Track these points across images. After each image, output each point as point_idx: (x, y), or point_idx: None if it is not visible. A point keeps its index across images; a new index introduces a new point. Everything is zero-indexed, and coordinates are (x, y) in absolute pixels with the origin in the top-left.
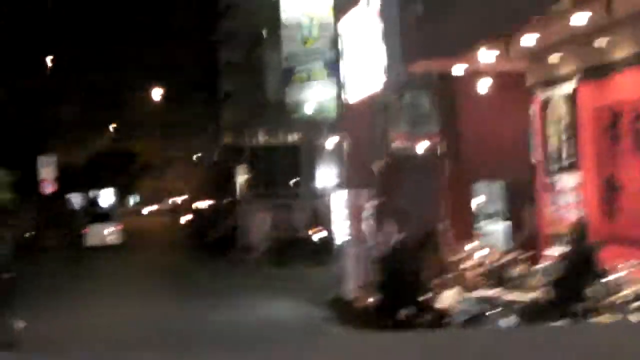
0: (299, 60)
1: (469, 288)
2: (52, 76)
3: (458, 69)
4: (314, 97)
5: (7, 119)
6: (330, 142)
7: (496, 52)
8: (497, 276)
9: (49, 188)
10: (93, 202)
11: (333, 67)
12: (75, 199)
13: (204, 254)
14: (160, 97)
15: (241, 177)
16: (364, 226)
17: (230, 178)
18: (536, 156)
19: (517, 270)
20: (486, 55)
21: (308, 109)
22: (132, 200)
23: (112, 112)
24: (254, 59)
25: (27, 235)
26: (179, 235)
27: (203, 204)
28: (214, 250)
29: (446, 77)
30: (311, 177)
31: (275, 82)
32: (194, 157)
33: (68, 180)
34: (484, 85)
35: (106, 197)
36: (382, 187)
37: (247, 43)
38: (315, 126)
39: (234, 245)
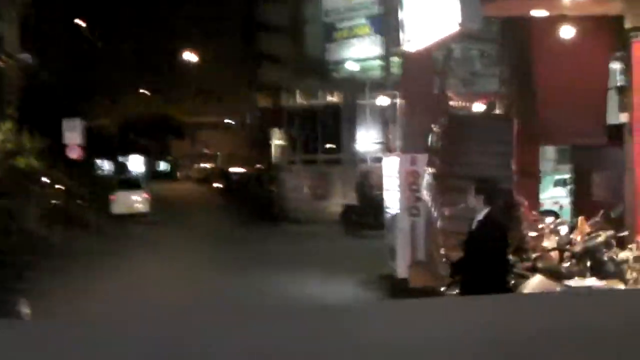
0: (340, 15)
1: (559, 274)
2: (85, 40)
3: (537, 13)
4: (357, 54)
5: (38, 82)
6: (376, 102)
7: None
8: (588, 260)
9: (74, 153)
10: (123, 168)
11: (377, 22)
12: (105, 165)
13: (241, 222)
14: (196, 60)
15: (278, 142)
16: (423, 196)
17: (266, 142)
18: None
19: (612, 254)
20: None
21: (350, 67)
22: (164, 165)
23: (146, 76)
24: (293, 16)
25: (53, 203)
26: (212, 202)
27: (236, 170)
28: (249, 218)
29: (520, 23)
30: (354, 140)
31: (315, 39)
32: (228, 121)
33: (98, 145)
34: (565, 33)
35: (136, 162)
36: (444, 152)
37: None
38: (359, 85)
39: (272, 213)
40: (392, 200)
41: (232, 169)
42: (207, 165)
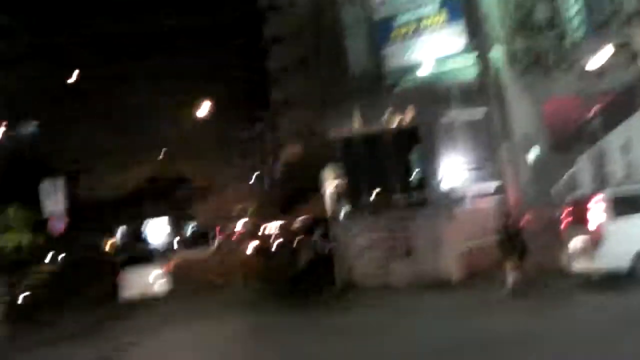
0: (399, 5)
1: None
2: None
3: None
4: (430, 54)
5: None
6: (467, 116)
7: None
8: None
9: (56, 226)
10: (136, 237)
11: (454, 6)
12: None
13: (292, 301)
14: (207, 110)
15: (329, 183)
16: None
17: (312, 188)
18: None
19: None
20: None
21: (423, 74)
22: (185, 229)
23: (152, 133)
24: (330, 14)
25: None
26: (247, 271)
27: (272, 226)
28: (306, 293)
29: None
30: (439, 171)
31: (365, 41)
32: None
33: (102, 213)
34: None
35: (157, 230)
36: None
37: None
38: (437, 98)
39: (326, 283)
40: None
41: (269, 226)
42: (238, 224)
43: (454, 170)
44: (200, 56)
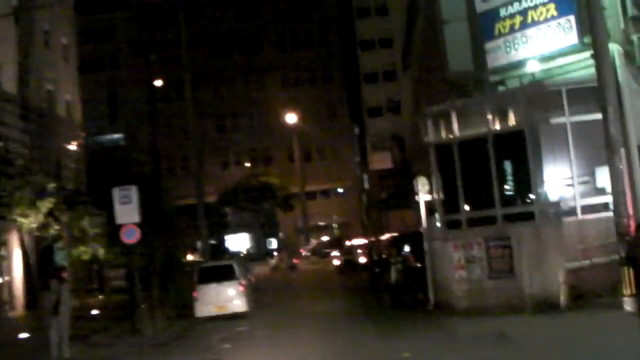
0: None
1: None
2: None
3: None
4: (536, 51)
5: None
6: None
7: None
8: None
9: (130, 236)
10: (216, 251)
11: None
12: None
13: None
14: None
15: (423, 194)
16: None
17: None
18: None
19: None
20: None
21: (527, 71)
22: (270, 244)
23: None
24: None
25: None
26: (337, 287)
27: (359, 241)
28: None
29: None
30: (544, 181)
31: (464, 37)
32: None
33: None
34: None
35: (240, 242)
36: None
37: None
38: (545, 99)
39: (420, 302)
40: None
41: (356, 240)
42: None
43: (563, 179)
44: (291, 59)
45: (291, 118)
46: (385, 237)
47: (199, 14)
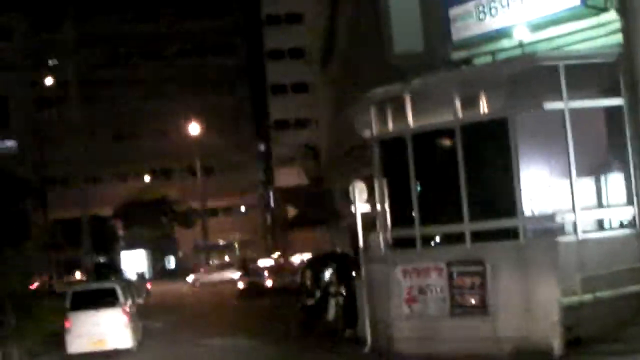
0: None
1: None
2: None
3: None
4: (523, 16)
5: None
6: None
7: None
8: None
9: None
10: (104, 270)
11: None
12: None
13: None
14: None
15: (359, 205)
16: None
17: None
18: None
19: None
20: None
21: (510, 44)
22: (168, 262)
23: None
24: None
25: None
26: (240, 314)
27: (266, 261)
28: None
29: None
30: (533, 188)
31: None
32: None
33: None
34: None
35: (135, 260)
36: None
37: None
38: (533, 80)
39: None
40: None
41: (262, 261)
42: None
43: (558, 184)
44: (195, 68)
45: (193, 130)
46: (298, 258)
47: (96, 17)
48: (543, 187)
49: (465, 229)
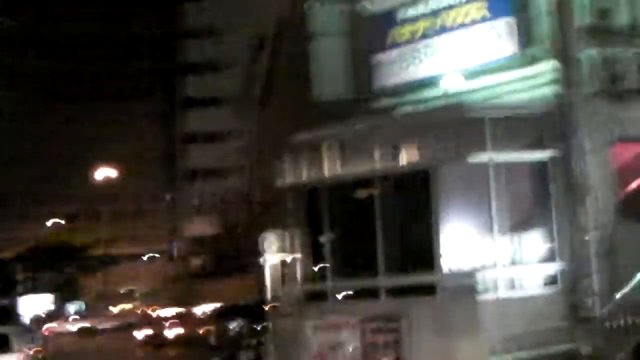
0: None
1: None
2: None
3: None
4: (451, 65)
5: None
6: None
7: None
8: None
9: None
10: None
11: None
12: None
13: None
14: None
15: (270, 256)
16: None
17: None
18: None
19: None
20: None
21: (436, 93)
22: (72, 308)
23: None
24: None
25: None
26: None
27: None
28: None
29: None
30: (456, 241)
31: (343, 51)
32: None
33: None
34: None
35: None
36: None
37: None
38: (460, 130)
39: None
40: None
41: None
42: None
43: (480, 241)
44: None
45: (100, 174)
46: (204, 309)
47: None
48: (464, 242)
49: (379, 284)
